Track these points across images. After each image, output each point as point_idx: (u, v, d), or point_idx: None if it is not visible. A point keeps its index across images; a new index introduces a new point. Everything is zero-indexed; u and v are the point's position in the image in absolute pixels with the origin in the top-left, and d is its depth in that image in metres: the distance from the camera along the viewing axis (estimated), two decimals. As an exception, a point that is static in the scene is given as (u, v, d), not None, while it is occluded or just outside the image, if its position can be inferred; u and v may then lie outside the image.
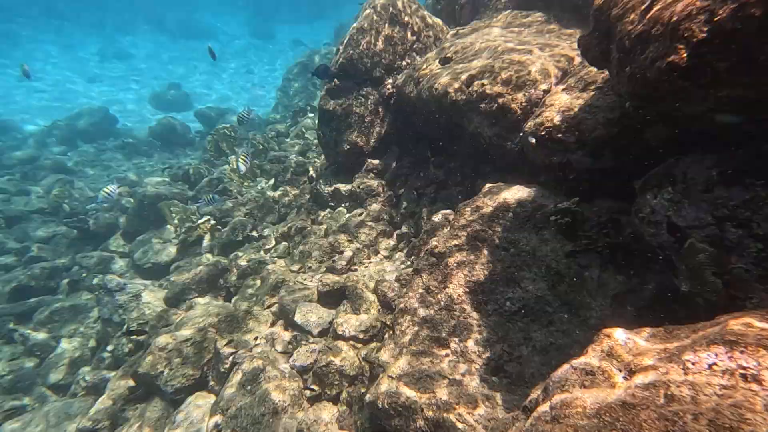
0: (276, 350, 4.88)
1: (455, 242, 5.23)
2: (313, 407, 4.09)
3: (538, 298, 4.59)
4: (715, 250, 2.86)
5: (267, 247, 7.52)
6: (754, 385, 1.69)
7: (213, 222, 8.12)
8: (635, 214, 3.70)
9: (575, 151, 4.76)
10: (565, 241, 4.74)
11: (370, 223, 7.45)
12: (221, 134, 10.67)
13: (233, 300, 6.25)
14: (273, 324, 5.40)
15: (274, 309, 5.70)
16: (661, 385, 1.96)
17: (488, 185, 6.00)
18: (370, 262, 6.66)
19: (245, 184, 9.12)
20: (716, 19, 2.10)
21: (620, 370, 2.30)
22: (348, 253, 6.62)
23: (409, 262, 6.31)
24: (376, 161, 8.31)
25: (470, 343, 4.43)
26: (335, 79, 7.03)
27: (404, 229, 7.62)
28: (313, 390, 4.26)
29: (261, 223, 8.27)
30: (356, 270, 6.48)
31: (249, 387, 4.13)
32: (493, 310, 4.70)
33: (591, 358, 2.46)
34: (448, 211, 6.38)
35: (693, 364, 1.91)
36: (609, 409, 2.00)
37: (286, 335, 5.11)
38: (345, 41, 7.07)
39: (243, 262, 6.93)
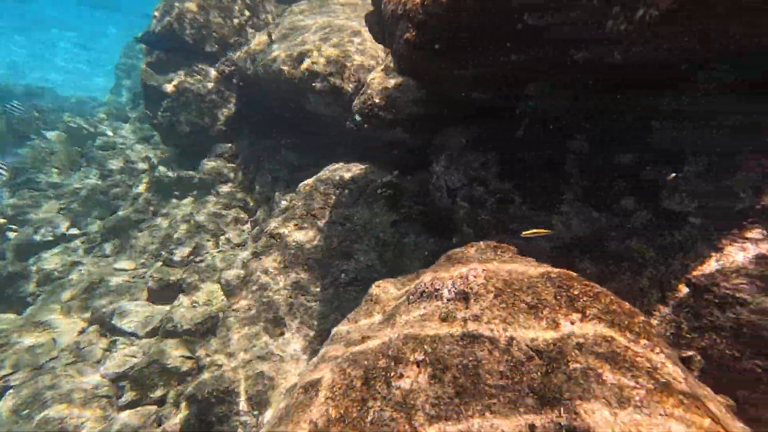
0: (81, 360, 4.17)
1: (294, 222, 5.26)
2: (123, 415, 3.64)
3: (368, 267, 4.95)
4: (469, 206, 3.49)
5: (89, 245, 6.34)
6: (438, 301, 2.09)
7: (2, 220, 6.42)
8: (430, 182, 4.27)
9: (395, 128, 5.22)
10: (390, 211, 5.21)
11: (220, 211, 6.94)
12: (15, 115, 8.37)
13: (27, 311, 5.10)
14: (82, 332, 4.60)
15: (87, 314, 4.87)
16: (391, 317, 2.29)
17: (333, 165, 6.20)
18: (219, 251, 6.23)
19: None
20: (425, 3, 2.44)
21: (378, 312, 2.61)
22: (191, 244, 6.05)
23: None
24: (228, 144, 7.74)
25: (306, 318, 4.55)
26: (157, 51, 6.19)
27: (259, 214, 7.34)
28: (127, 396, 3.79)
29: (84, 218, 6.91)
30: (202, 261, 5.98)
31: (26, 411, 3.41)
32: (330, 283, 4.91)
33: (361, 307, 2.73)
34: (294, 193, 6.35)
35: (413, 295, 2.27)
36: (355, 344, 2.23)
37: (102, 342, 4.42)
38: (162, 7, 6.25)
39: (47, 266, 5.69)
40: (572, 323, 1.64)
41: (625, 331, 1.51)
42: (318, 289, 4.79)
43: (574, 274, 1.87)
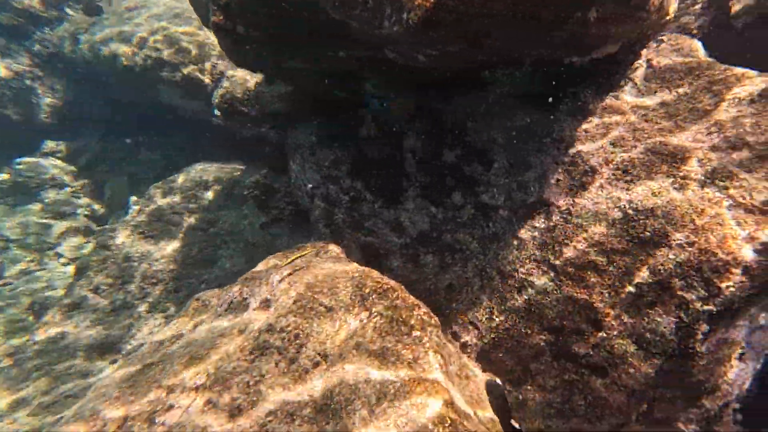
0: None
1: (140, 231, 4.52)
2: None
3: (235, 273, 4.51)
4: (326, 205, 3.40)
5: None
6: (243, 312, 1.87)
7: None
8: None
9: (262, 125, 4.89)
10: (260, 213, 4.85)
11: (48, 221, 5.64)
12: None
13: None
14: None
15: None
16: (195, 334, 1.99)
17: (197, 165, 5.56)
18: (41, 269, 5.03)
19: None
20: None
21: (189, 330, 2.28)
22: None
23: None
24: (60, 141, 6.37)
25: (151, 337, 3.93)
26: None
27: (111, 223, 6.20)
28: None
29: None
30: (5, 284, 4.75)
31: None
32: (186, 295, 4.34)
33: (171, 325, 2.38)
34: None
35: (220, 307, 2.01)
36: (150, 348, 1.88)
37: None
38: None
39: None
40: (360, 321, 1.60)
41: (401, 325, 1.52)
42: (170, 303, 4.18)
43: (375, 272, 1.86)
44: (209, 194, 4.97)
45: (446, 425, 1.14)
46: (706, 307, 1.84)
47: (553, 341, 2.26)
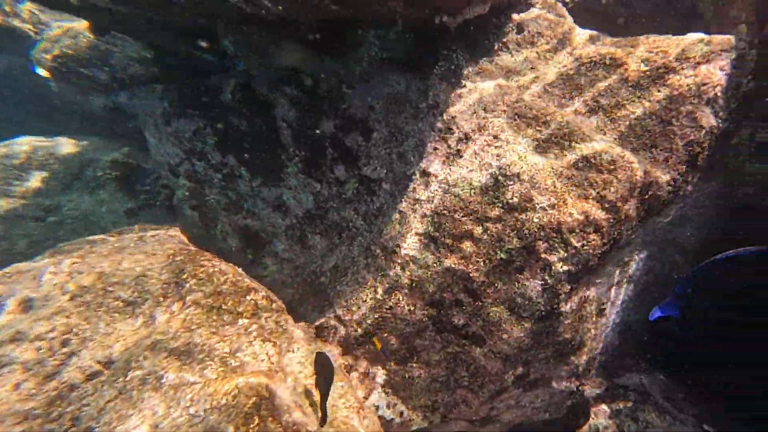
0: None
1: (-62, 227, 3.39)
2: None
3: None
4: (193, 185, 2.87)
5: None
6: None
7: None
8: (156, 159, 3.38)
9: (119, 93, 3.99)
10: (124, 198, 4.02)
11: None
12: None
13: None
14: None
15: None
16: None
17: (27, 138, 4.37)
18: None
19: None
20: None
21: None
22: None
23: None
24: None
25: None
26: None
27: None
28: None
29: None
30: None
31: None
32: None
33: None
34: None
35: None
36: None
37: None
38: None
39: None
40: (171, 314, 1.25)
41: (223, 314, 1.23)
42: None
43: (204, 254, 1.52)
44: (43, 175, 3.95)
45: (252, 425, 0.90)
46: (565, 267, 1.89)
47: (435, 315, 2.18)
